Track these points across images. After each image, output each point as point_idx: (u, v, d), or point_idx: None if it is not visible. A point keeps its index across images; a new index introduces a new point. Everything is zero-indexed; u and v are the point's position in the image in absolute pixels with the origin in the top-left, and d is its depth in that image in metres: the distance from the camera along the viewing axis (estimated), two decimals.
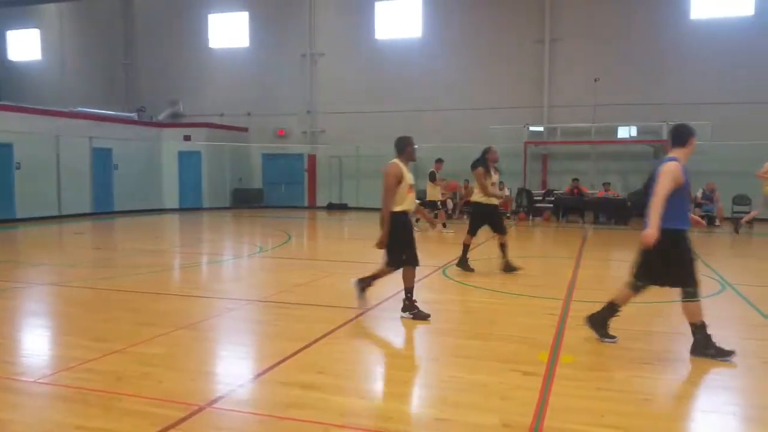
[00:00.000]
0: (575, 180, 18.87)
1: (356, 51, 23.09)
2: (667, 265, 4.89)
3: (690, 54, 19.31)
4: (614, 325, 5.88)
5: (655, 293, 7.98)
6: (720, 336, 5.69)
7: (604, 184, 18.86)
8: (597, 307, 6.61)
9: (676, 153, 4.95)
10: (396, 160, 6.05)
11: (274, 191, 24.67)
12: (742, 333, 5.82)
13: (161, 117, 24.47)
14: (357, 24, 23.16)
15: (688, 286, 4.83)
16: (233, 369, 4.74)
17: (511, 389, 4.15)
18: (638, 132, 19.91)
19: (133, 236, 15.23)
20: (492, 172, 8.75)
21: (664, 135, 18.85)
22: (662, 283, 5.05)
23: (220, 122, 24.04)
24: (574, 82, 20.39)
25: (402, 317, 6.14)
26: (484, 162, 8.77)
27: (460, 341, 5.39)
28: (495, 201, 8.89)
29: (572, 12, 20.53)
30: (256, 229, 17.11)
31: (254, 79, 24.32)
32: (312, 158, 24.14)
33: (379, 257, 6.31)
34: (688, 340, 5.00)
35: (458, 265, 9.05)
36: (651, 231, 4.75)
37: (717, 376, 4.59)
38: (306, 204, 24.28)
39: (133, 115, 23.55)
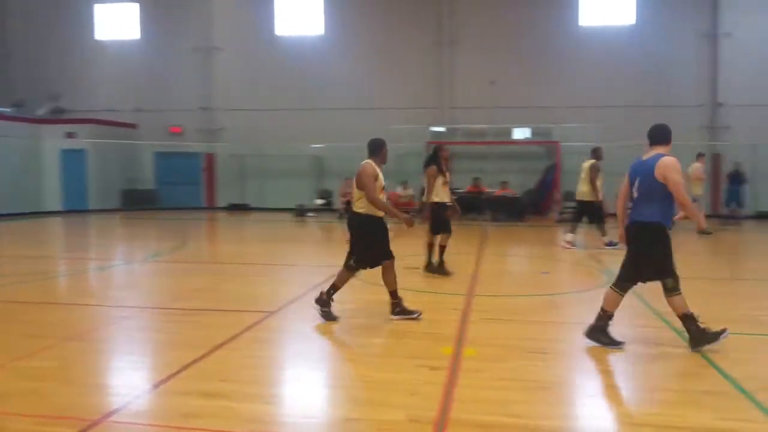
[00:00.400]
0: (476, 179, 19.52)
1: (256, 46, 22.55)
2: (651, 259, 4.95)
3: (579, 59, 20.48)
4: (507, 316, 6.13)
5: (548, 286, 8.41)
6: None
7: (501, 183, 19.62)
8: (498, 301, 6.84)
9: (661, 150, 5.01)
10: (370, 161, 5.99)
11: (168, 192, 23.46)
12: (628, 321, 6.22)
13: (40, 112, 22.63)
14: (256, 19, 22.63)
15: (670, 277, 4.91)
16: (129, 380, 4.47)
17: (419, 385, 4.20)
18: (532, 134, 20.88)
19: (12, 241, 14.04)
20: (444, 172, 8.59)
21: (555, 136, 19.95)
22: (646, 279, 5.11)
23: (108, 118, 22.57)
24: (473, 85, 21.05)
25: (390, 319, 5.99)
26: (437, 161, 8.66)
27: (367, 340, 5.39)
28: (446, 199, 8.74)
29: (469, 16, 21.18)
30: (150, 232, 16.31)
31: (145, 74, 23.07)
32: (210, 157, 23.27)
33: (294, 259, 6.18)
34: (580, 329, 5.29)
35: (428, 269, 8.75)
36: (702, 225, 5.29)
37: (606, 362, 4.88)
38: (204, 205, 23.38)
39: (8, 110, 21.65)
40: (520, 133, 20.82)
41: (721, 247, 12.99)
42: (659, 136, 5.08)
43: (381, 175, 5.97)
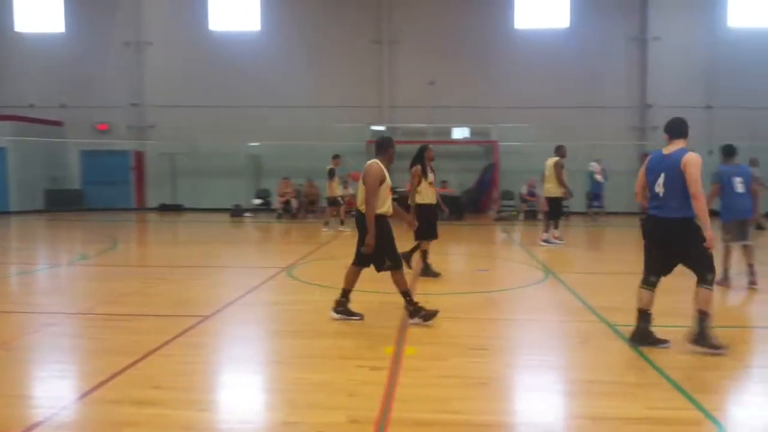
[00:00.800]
0: None
1: (189, 41, 21.87)
2: (690, 254, 4.90)
3: (515, 61, 20.93)
4: (446, 314, 6.17)
5: (486, 283, 8.53)
6: (544, 319, 6.22)
7: (441, 182, 19.81)
8: (438, 299, 6.87)
9: (681, 144, 5.01)
10: (377, 161, 5.79)
11: (95, 192, 22.34)
12: (563, 316, 6.39)
13: None
14: (189, 13, 21.97)
15: (713, 272, 4.92)
16: (55, 390, 4.22)
17: (358, 385, 4.15)
18: (471, 133, 21.20)
19: None
20: (429, 172, 8.40)
21: (493, 136, 20.34)
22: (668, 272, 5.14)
23: (30, 115, 21.38)
24: (413, 84, 21.17)
25: (412, 323, 5.76)
26: (422, 160, 8.42)
27: (306, 341, 5.29)
28: (433, 200, 8.54)
29: (408, 16, 21.30)
30: (76, 234, 15.56)
31: (71, 69, 21.96)
32: (140, 155, 22.40)
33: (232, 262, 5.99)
34: (522, 325, 5.38)
35: (422, 273, 8.53)
36: (711, 233, 4.75)
37: (543, 357, 4.97)
38: (134, 205, 22.51)
39: None
40: (459, 133, 21.10)
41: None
42: (679, 130, 5.08)
43: (388, 175, 5.81)
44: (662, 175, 4.92)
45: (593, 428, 3.52)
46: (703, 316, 4.86)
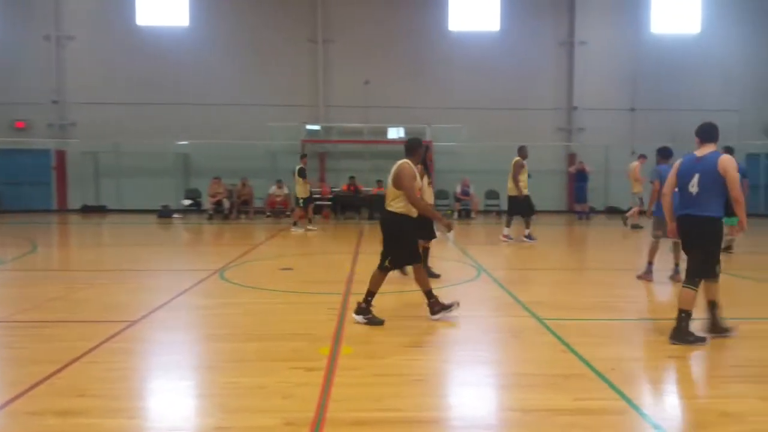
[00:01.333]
0: (352, 178, 19.63)
1: (114, 36, 20.98)
2: (703, 249, 5.17)
3: (449, 62, 21.24)
4: (397, 313, 6.21)
5: (411, 283, 8.60)
6: (477, 315, 6.34)
7: (377, 182, 19.89)
8: (376, 299, 6.88)
9: (712, 147, 5.23)
10: (407, 161, 5.84)
11: (13, 193, 21.03)
12: (495, 312, 6.54)
13: None
14: (114, 6, 21.07)
15: (700, 275, 5.20)
16: None
17: (293, 387, 4.11)
18: (406, 133, 21.35)
19: None
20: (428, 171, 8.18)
21: (428, 136, 20.57)
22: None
23: None
24: (348, 84, 21.15)
25: (434, 318, 5.86)
26: (423, 159, 8.29)
27: (238, 345, 5.18)
28: (432, 201, 8.38)
29: (343, 15, 21.25)
30: None
31: None
32: (61, 154, 21.28)
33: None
34: (456, 322, 5.47)
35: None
36: (745, 223, 5.14)
37: (476, 352, 5.07)
38: (55, 207, 21.40)
39: None
40: (395, 133, 21.25)
41: (574, 239, 14.07)
42: (711, 134, 5.28)
43: (418, 176, 5.90)
44: (696, 176, 5.16)
45: (524, 420, 3.61)
46: (685, 314, 5.14)
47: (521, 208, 12.47)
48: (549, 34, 21.52)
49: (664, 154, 8.43)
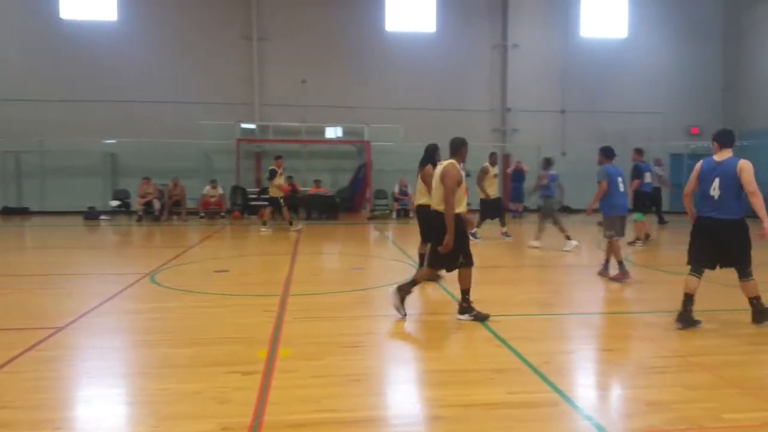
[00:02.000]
0: (290, 178, 19.36)
1: (37, 30, 19.85)
2: (745, 250, 5.59)
3: (386, 63, 21.31)
4: (335, 314, 6.18)
5: (361, 282, 8.63)
6: (416, 314, 6.40)
7: (315, 182, 19.77)
8: (312, 299, 6.83)
9: (728, 152, 5.60)
10: (453, 161, 5.90)
11: None
12: (435, 309, 6.62)
13: None
14: None
15: (750, 266, 5.62)
16: None
17: (230, 391, 4.02)
18: (343, 133, 21.35)
19: None
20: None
21: (366, 136, 20.62)
22: (722, 265, 5.73)
23: None
24: (284, 82, 20.89)
25: (459, 320, 5.89)
26: (433, 160, 7.84)
27: (171, 350, 5.03)
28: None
29: (278, 12, 20.95)
30: None
31: None
32: None
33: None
34: (395, 320, 5.48)
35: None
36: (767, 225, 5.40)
37: (414, 350, 5.12)
38: None
39: None
40: (332, 132, 21.19)
41: (514, 237, 14.42)
42: (728, 140, 5.65)
43: (463, 176, 5.95)
44: (717, 180, 5.52)
45: (460, 415, 3.67)
46: (756, 300, 5.68)
47: (492, 209, 12.81)
48: (483, 36, 21.96)
49: (608, 153, 8.53)
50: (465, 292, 5.98)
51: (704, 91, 22.50)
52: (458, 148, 6.11)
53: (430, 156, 7.90)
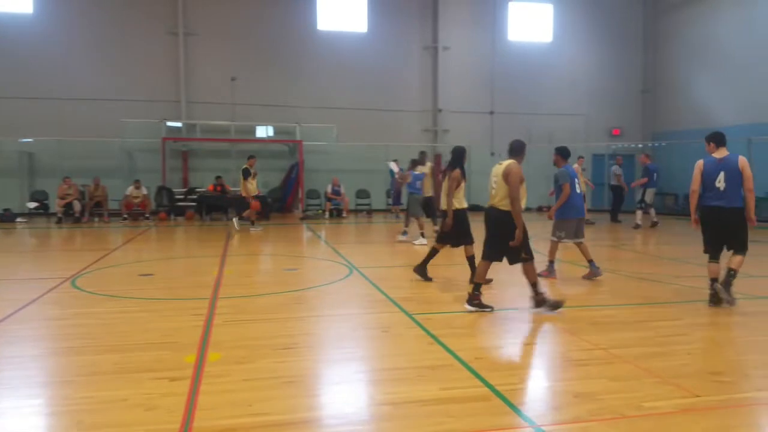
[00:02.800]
0: (218, 177, 18.94)
1: None
2: (745, 234, 6.49)
3: (319, 62, 21.17)
4: (267, 316, 6.08)
5: (294, 282, 8.54)
6: (349, 314, 6.40)
7: None
8: (243, 302, 6.72)
9: (724, 151, 6.50)
10: (515, 161, 6.27)
11: None
12: (367, 309, 6.64)
13: None
14: None
15: (747, 246, 6.50)
16: None
17: (157, 398, 3.88)
18: (275, 132, 21.05)
19: None
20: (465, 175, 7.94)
21: (298, 135, 20.43)
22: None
23: None
24: (212, 79, 20.40)
25: (537, 312, 6.25)
26: (461, 163, 7.78)
27: (94, 357, 4.81)
28: (466, 205, 8.08)
29: (205, 7, 20.42)
30: None
31: None
32: None
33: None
34: (328, 321, 5.45)
35: (416, 269, 8.15)
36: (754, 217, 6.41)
37: (347, 349, 5.11)
38: None
39: None
40: (264, 131, 20.86)
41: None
42: (723, 140, 6.56)
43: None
44: (722, 174, 6.39)
45: (394, 413, 3.69)
46: (734, 272, 6.44)
47: (425, 208, 12.99)
48: (414, 38, 22.21)
49: (565, 154, 8.47)
50: (534, 285, 6.32)
51: (625, 94, 23.64)
52: (520, 150, 6.46)
53: (460, 159, 7.91)
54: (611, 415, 3.66)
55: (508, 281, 8.02)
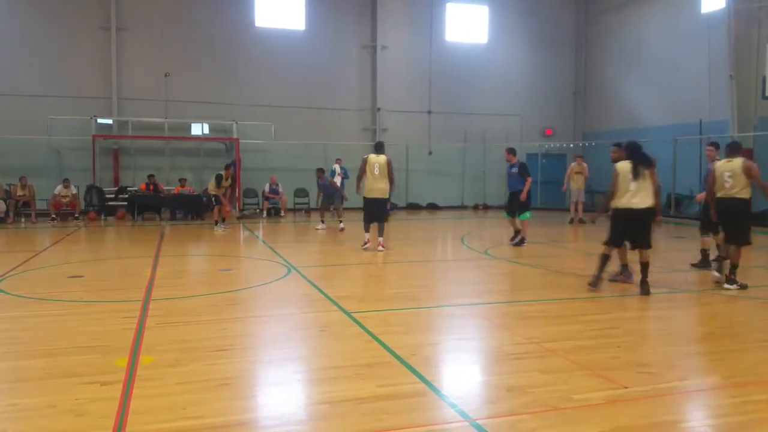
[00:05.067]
0: (151, 176, 18.37)
1: None
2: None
3: (256, 59, 20.79)
4: (202, 317, 5.96)
5: (229, 283, 8.42)
6: (286, 313, 6.38)
7: (180, 180, 18.92)
8: (177, 303, 6.58)
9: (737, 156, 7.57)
10: (744, 158, 7.44)
11: None
12: (305, 308, 6.62)
13: None
14: None
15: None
16: None
17: (87, 403, 3.76)
18: (211, 130, 20.58)
19: None
20: None
21: (235, 134, 20.07)
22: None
23: None
24: (145, 75, 19.74)
25: (728, 288, 7.43)
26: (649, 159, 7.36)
27: (19, 363, 4.61)
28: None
29: (139, 2, 19.75)
30: None
31: None
32: None
33: None
34: (265, 321, 5.39)
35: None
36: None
37: (284, 349, 5.10)
38: None
39: None
40: (199, 129, 20.35)
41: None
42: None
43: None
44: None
45: (331, 412, 3.71)
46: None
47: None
48: (353, 37, 22.19)
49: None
50: (735, 266, 7.42)
51: (557, 95, 24.39)
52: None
53: (644, 155, 7.31)
54: (543, 408, 3.79)
55: (446, 279, 8.18)
